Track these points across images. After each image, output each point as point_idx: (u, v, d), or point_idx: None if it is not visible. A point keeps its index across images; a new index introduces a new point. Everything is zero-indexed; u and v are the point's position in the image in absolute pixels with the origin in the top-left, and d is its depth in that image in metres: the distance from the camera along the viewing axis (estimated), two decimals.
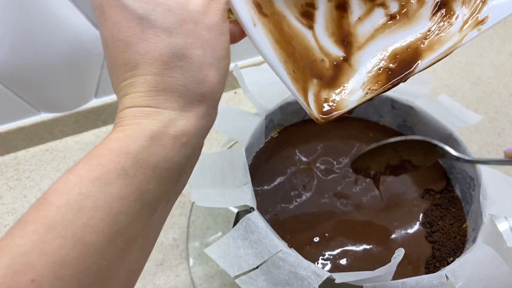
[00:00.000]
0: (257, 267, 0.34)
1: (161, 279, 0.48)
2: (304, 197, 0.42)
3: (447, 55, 0.29)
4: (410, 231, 0.40)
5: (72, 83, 0.58)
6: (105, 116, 0.64)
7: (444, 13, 0.29)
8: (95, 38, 0.55)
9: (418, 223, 0.40)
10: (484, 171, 0.40)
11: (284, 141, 0.47)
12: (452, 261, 0.34)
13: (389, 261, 0.31)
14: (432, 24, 0.30)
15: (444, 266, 0.34)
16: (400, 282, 0.32)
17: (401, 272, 0.35)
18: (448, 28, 0.29)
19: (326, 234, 0.39)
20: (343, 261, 0.37)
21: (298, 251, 0.34)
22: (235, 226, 0.35)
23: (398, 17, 0.30)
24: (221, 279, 0.48)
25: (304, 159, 0.45)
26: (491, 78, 0.73)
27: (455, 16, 0.29)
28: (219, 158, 0.40)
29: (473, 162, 0.35)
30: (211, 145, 0.62)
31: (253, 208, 0.36)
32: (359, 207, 0.41)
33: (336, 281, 0.31)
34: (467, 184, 0.42)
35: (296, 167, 0.45)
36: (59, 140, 0.63)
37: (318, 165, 0.45)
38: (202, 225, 0.52)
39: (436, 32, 0.29)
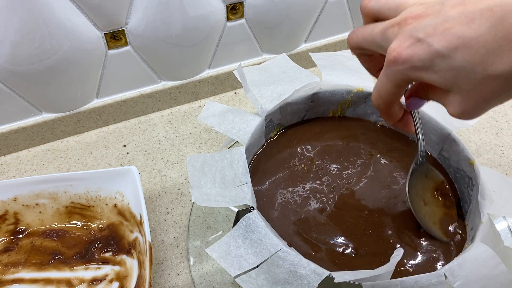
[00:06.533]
0: (257, 266, 0.34)
1: (161, 277, 0.49)
2: (304, 196, 0.42)
3: None
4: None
5: (74, 83, 0.58)
6: (106, 116, 0.64)
7: None
8: (96, 39, 0.55)
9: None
10: (482, 170, 0.40)
11: (284, 141, 0.47)
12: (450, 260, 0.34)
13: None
14: None
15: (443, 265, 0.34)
16: (399, 281, 0.32)
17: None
18: None
19: (327, 234, 0.40)
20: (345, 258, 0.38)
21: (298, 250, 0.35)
22: (236, 226, 0.36)
23: None
24: (221, 278, 0.48)
25: (303, 159, 0.46)
26: None
27: None
28: (219, 158, 0.40)
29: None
30: (211, 145, 0.62)
31: (253, 207, 0.37)
32: (359, 207, 0.42)
33: (335, 280, 0.31)
34: (465, 184, 0.42)
35: (295, 167, 0.45)
36: (60, 140, 0.63)
37: (318, 165, 0.45)
38: (203, 224, 0.53)
39: None
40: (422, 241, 0.39)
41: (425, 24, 0.27)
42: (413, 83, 0.34)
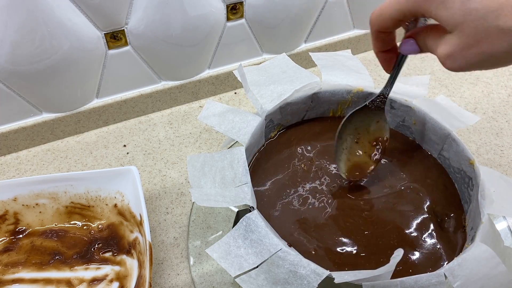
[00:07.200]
0: (257, 266, 0.34)
1: (161, 277, 0.49)
2: (304, 196, 0.42)
3: None
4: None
5: (74, 83, 0.58)
6: (106, 116, 0.64)
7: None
8: (96, 39, 0.55)
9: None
10: (482, 170, 0.40)
11: (284, 141, 0.47)
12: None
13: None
14: None
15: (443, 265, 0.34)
16: (399, 281, 0.32)
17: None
18: None
19: (327, 234, 0.40)
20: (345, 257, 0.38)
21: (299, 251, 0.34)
22: (236, 226, 0.36)
23: None
24: (221, 278, 0.48)
25: (303, 159, 0.46)
26: (490, 79, 0.73)
27: None
28: (219, 158, 0.40)
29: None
30: (211, 145, 0.62)
31: (253, 207, 0.37)
32: (359, 207, 0.42)
33: (336, 281, 0.31)
34: (465, 184, 0.42)
35: (295, 167, 0.45)
36: (60, 140, 0.63)
37: (317, 165, 0.45)
38: (203, 224, 0.53)
39: None
40: (422, 241, 0.39)
41: None
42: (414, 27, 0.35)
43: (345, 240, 0.39)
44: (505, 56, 0.27)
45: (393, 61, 0.38)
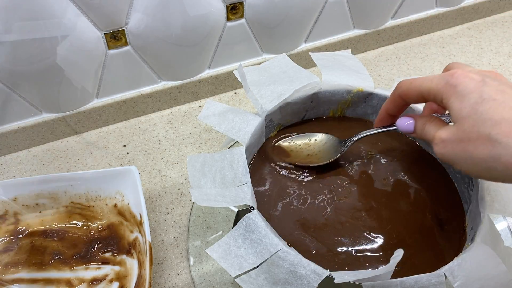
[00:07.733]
0: (257, 266, 0.34)
1: (161, 277, 0.49)
2: (304, 196, 0.42)
3: None
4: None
5: (74, 83, 0.58)
6: (106, 116, 0.64)
7: None
8: (96, 39, 0.55)
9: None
10: None
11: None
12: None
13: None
14: None
15: (443, 265, 0.34)
16: (399, 281, 0.32)
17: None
18: None
19: (327, 233, 0.40)
20: (343, 257, 0.38)
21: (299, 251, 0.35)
22: (236, 226, 0.36)
23: None
24: (221, 278, 0.48)
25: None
26: None
27: None
28: (219, 158, 0.40)
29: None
30: (211, 145, 0.62)
31: (253, 207, 0.37)
32: (358, 207, 0.42)
33: (336, 281, 0.31)
34: (465, 184, 0.42)
35: (295, 166, 0.45)
36: (60, 140, 0.63)
37: (317, 164, 0.45)
38: (203, 224, 0.53)
39: None
40: (422, 241, 0.39)
41: (505, 82, 0.30)
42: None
43: (345, 240, 0.39)
44: (481, 164, 0.29)
45: (384, 124, 0.41)
